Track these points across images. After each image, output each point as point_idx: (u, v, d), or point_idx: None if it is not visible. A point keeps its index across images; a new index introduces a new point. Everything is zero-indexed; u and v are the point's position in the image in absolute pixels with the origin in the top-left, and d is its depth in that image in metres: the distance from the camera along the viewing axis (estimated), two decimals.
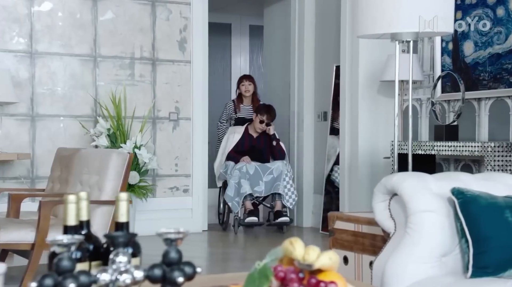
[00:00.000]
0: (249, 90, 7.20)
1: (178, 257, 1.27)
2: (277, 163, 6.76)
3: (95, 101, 6.45)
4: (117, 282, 1.23)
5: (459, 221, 2.37)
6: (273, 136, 6.92)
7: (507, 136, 5.06)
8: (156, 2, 6.68)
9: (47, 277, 1.20)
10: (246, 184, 6.53)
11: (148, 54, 6.67)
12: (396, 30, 2.88)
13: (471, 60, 5.34)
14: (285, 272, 1.21)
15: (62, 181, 4.67)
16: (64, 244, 1.22)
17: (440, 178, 2.57)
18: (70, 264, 1.21)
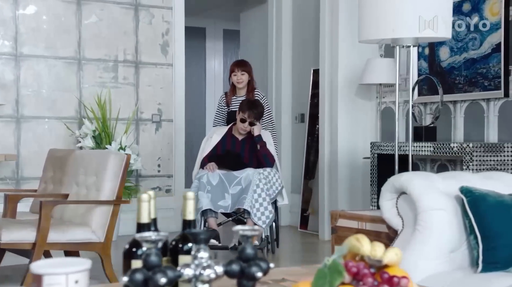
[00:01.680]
0: (242, 80, 5.74)
1: (254, 253, 1.29)
2: (247, 170, 5.29)
3: (80, 103, 6.39)
4: (201, 276, 1.23)
5: (468, 218, 2.42)
6: (257, 138, 5.44)
7: (482, 137, 5.16)
8: (139, 7, 6.64)
9: (137, 272, 1.20)
10: (205, 198, 5.18)
11: (131, 57, 6.63)
12: (400, 35, 2.92)
13: (447, 65, 5.43)
14: (358, 267, 1.23)
15: (56, 181, 4.63)
16: (152, 240, 1.22)
17: (445, 177, 2.61)
18: (158, 260, 1.22)
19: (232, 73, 5.79)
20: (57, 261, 1.26)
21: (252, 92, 5.77)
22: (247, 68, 5.78)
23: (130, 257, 1.35)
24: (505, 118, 5.02)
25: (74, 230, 3.92)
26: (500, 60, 5.00)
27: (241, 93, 5.81)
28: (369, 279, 1.20)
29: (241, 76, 5.74)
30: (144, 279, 1.19)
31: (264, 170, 5.28)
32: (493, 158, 4.85)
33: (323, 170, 6.19)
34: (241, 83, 5.74)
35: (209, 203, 5.16)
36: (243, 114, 5.43)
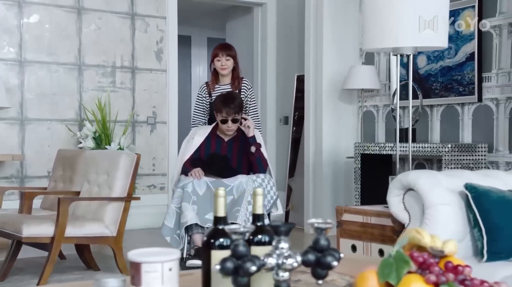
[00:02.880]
0: (226, 66, 4.72)
1: (327, 244, 1.33)
2: (239, 178, 4.30)
3: (80, 106, 6.35)
4: (284, 265, 1.27)
5: (472, 213, 2.49)
6: (251, 139, 4.47)
7: (457, 138, 5.27)
8: (135, 16, 6.63)
9: (227, 261, 1.23)
10: (190, 210, 4.15)
11: (128, 63, 6.61)
12: (402, 45, 2.99)
13: (424, 72, 5.53)
14: (423, 257, 1.28)
15: (66, 179, 4.61)
16: (240, 232, 1.26)
17: (448, 175, 2.68)
18: (246, 249, 1.25)
19: (215, 58, 4.79)
20: (150, 251, 1.29)
21: (237, 79, 4.77)
22: (232, 53, 4.79)
23: (209, 247, 1.37)
24: (478, 121, 5.13)
25: (89, 225, 3.92)
26: (474, 68, 5.11)
27: (225, 81, 4.81)
28: (436, 268, 1.24)
29: (225, 62, 4.73)
30: (235, 268, 1.23)
31: (257, 176, 4.33)
32: (467, 157, 4.96)
33: (308, 169, 6.24)
34: (225, 69, 4.73)
35: (194, 217, 4.14)
36: (221, 114, 4.46)
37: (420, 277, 1.25)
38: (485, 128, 5.07)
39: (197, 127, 4.72)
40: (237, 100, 4.46)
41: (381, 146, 5.38)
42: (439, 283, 1.21)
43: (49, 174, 6.19)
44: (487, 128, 5.06)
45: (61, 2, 6.26)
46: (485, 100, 5.08)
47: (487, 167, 5.00)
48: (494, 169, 4.96)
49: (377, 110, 6.01)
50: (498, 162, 4.96)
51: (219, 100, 4.46)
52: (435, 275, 1.22)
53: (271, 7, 7.27)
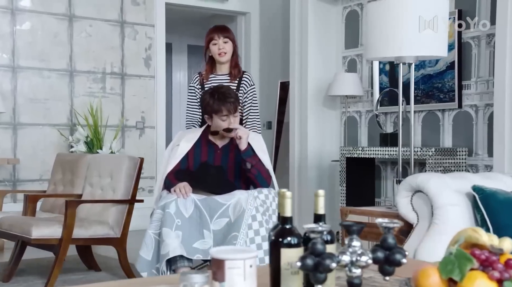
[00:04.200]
0: (225, 50, 3.75)
1: (395, 242, 1.37)
2: (237, 194, 3.26)
3: (71, 111, 6.31)
4: (358, 262, 1.31)
5: (480, 213, 2.57)
6: (245, 154, 3.40)
7: (438, 142, 5.38)
8: (124, 24, 6.61)
9: (307, 258, 1.27)
10: (173, 237, 3.09)
11: (117, 69, 6.58)
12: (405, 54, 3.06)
13: (406, 80, 5.63)
14: (485, 255, 1.33)
15: (66, 183, 4.58)
16: (318, 231, 1.29)
17: (454, 177, 2.76)
18: (323, 247, 1.28)
19: (210, 43, 3.78)
20: (230, 249, 1.32)
21: (237, 69, 3.82)
22: (230, 35, 3.83)
23: (278, 246, 1.40)
24: (458, 126, 5.25)
25: (95, 226, 3.91)
26: (454, 76, 5.23)
27: (222, 70, 3.84)
28: (499, 265, 1.29)
29: (223, 45, 3.74)
30: (314, 264, 1.26)
31: (259, 191, 3.30)
32: (448, 160, 5.07)
33: (293, 171, 6.30)
34: (223, 55, 3.75)
35: (179, 247, 3.06)
36: (221, 114, 3.42)
37: (483, 273, 1.30)
38: (465, 133, 5.19)
39: (184, 131, 3.71)
40: (232, 92, 3.54)
41: (365, 150, 5.46)
42: (503, 279, 1.26)
43: (41, 177, 6.14)
44: (466, 133, 5.18)
45: (53, 10, 6.22)
46: (465, 106, 5.20)
47: (467, 170, 5.12)
48: (474, 171, 5.07)
49: (359, 116, 6.10)
50: (478, 165, 5.08)
51: (210, 98, 3.43)
52: (499, 272, 1.27)
53: (254, 16, 7.32)
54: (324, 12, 6.20)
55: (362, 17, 6.03)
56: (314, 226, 1.31)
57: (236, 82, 3.79)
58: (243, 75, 3.86)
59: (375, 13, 3.13)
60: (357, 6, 6.07)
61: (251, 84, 3.89)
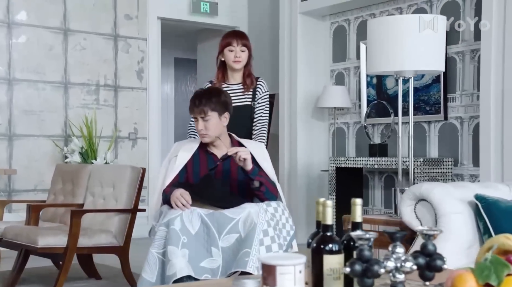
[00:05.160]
0: (241, 59, 3.52)
1: (435, 249, 1.41)
2: (247, 207, 2.93)
3: (66, 123, 6.28)
4: (403, 267, 1.34)
5: (482, 220, 2.62)
6: (252, 173, 3.06)
7: (424, 153, 5.45)
8: (118, 38, 6.61)
9: (355, 264, 1.30)
10: (179, 256, 2.78)
11: (111, 82, 6.57)
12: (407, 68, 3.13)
13: (393, 92, 5.72)
14: None
15: (66, 193, 4.55)
16: (366, 238, 1.32)
17: (456, 186, 2.81)
18: (370, 254, 1.31)
19: (226, 48, 3.55)
20: (279, 255, 1.34)
21: (250, 78, 3.57)
22: (248, 43, 3.58)
23: (320, 252, 1.42)
24: (444, 137, 5.33)
25: (98, 235, 3.89)
26: (440, 89, 5.32)
27: (235, 79, 3.60)
28: None
29: (240, 53, 3.52)
30: (363, 270, 1.29)
31: (268, 205, 3.00)
32: (434, 170, 5.15)
33: (283, 181, 6.32)
34: (239, 62, 3.52)
35: (186, 266, 2.76)
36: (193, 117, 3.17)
37: None
38: (450, 144, 5.28)
39: (180, 142, 3.36)
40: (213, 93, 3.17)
41: (353, 160, 5.52)
42: None
43: (36, 187, 6.09)
44: (452, 144, 5.26)
45: (48, 24, 6.20)
46: (450, 118, 5.29)
47: (453, 179, 5.20)
48: (460, 180, 5.16)
49: (347, 127, 6.16)
50: (463, 175, 5.17)
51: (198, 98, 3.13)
52: None
53: (243, 30, 7.35)
54: (313, 27, 6.26)
55: (349, 32, 6.11)
56: (361, 233, 1.34)
57: (251, 92, 3.56)
58: (257, 84, 3.60)
59: (376, 29, 3.19)
60: (344, 22, 6.15)
61: (264, 91, 3.62)
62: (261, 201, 3.07)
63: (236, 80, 3.61)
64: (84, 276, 4.43)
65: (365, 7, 5.92)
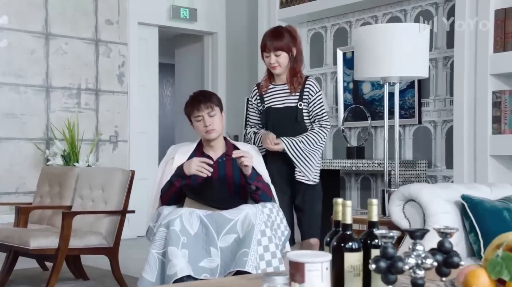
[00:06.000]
0: (276, 64, 3.34)
1: (451, 246, 1.47)
2: (245, 208, 2.94)
3: (47, 126, 6.23)
4: (423, 264, 1.39)
5: (468, 220, 2.70)
6: (250, 178, 3.08)
7: (399, 155, 5.55)
8: (99, 42, 6.57)
9: (379, 261, 1.34)
10: (180, 257, 2.79)
11: (92, 85, 6.54)
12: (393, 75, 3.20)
13: (369, 97, 5.81)
14: None
15: (53, 195, 4.52)
16: (389, 236, 1.37)
17: (442, 188, 2.89)
18: (394, 251, 1.36)
19: (263, 52, 3.40)
20: (306, 253, 1.38)
21: (295, 78, 3.35)
22: (283, 44, 3.32)
23: (341, 250, 1.47)
24: (418, 140, 5.44)
25: (89, 237, 3.88)
26: (414, 94, 5.43)
27: (281, 79, 3.43)
28: None
29: (275, 59, 3.33)
30: (387, 266, 1.34)
31: (263, 206, 3.01)
32: (410, 172, 5.25)
33: None
34: (276, 68, 3.35)
35: (186, 266, 2.77)
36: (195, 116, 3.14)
37: None
38: (424, 147, 5.39)
39: (176, 145, 3.40)
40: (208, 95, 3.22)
41: (331, 162, 5.60)
42: None
43: (17, 190, 6.02)
44: (426, 147, 5.38)
45: (30, 28, 6.14)
46: (424, 122, 5.40)
47: (427, 181, 5.31)
48: (433, 182, 5.27)
49: None
50: (437, 176, 5.29)
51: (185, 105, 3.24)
52: None
53: (221, 36, 7.39)
54: None
55: (326, 39, 6.19)
56: (385, 231, 1.39)
57: (297, 94, 3.37)
58: (305, 84, 3.37)
59: (362, 37, 3.25)
60: (321, 29, 6.23)
61: (316, 92, 3.42)
62: (256, 202, 3.10)
63: (282, 80, 3.44)
64: (72, 277, 4.41)
65: (341, 15, 6.01)
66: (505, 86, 4.65)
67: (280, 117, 3.36)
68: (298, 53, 3.39)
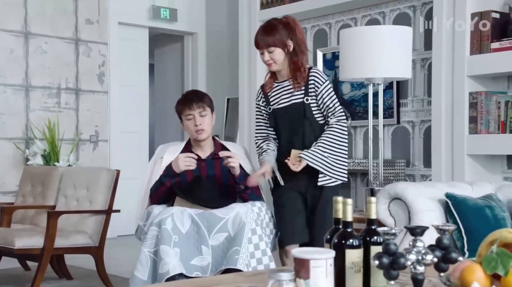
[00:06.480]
0: (272, 61, 3.07)
1: (449, 242, 1.50)
2: (236, 207, 2.95)
3: (27, 125, 6.16)
4: (424, 260, 1.42)
5: (452, 217, 2.76)
6: (239, 178, 3.14)
7: (377, 155, 5.61)
8: (79, 42, 6.52)
9: (382, 257, 1.37)
10: (172, 255, 2.79)
11: (72, 85, 6.49)
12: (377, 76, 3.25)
13: (348, 97, 5.86)
14: None
15: (36, 195, 4.48)
16: (392, 233, 1.40)
17: (426, 186, 2.95)
18: (395, 247, 1.39)
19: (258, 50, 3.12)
20: (310, 250, 1.41)
21: (298, 72, 3.04)
22: (275, 40, 3.01)
23: (342, 247, 1.49)
24: (397, 140, 5.51)
25: (74, 236, 3.86)
26: (393, 95, 5.50)
27: (283, 76, 3.13)
28: None
29: (268, 56, 3.05)
30: (389, 262, 1.37)
31: (252, 204, 3.01)
32: (389, 171, 5.31)
33: None
34: (271, 65, 3.08)
35: (178, 264, 2.77)
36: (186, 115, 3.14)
37: None
38: (402, 146, 5.46)
39: (164, 145, 3.35)
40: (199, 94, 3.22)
41: None
42: None
43: None
44: (404, 146, 5.45)
45: (9, 27, 6.07)
46: (403, 122, 5.47)
47: (405, 179, 5.38)
48: (411, 180, 5.35)
49: None
50: (415, 175, 5.36)
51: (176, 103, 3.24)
52: None
53: (201, 36, 7.39)
54: None
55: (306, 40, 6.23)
56: (387, 229, 1.42)
57: (302, 89, 3.05)
58: (309, 77, 3.04)
59: (347, 39, 3.29)
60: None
61: (322, 82, 3.06)
62: (244, 201, 3.09)
63: (284, 77, 3.11)
64: (55, 277, 4.38)
65: (321, 16, 6.06)
66: (481, 88, 4.74)
67: (288, 117, 3.07)
68: (298, 44, 3.02)
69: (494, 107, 4.56)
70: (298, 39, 3.04)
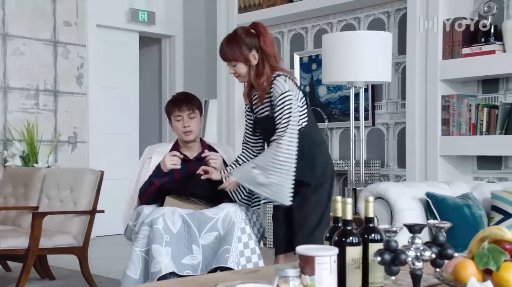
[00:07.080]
0: (237, 74, 2.94)
1: (445, 239, 1.56)
2: (226, 207, 2.94)
3: (5, 127, 6.09)
4: (422, 256, 1.47)
5: (433, 215, 2.83)
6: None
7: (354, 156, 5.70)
8: (57, 43, 6.47)
9: (384, 254, 1.42)
10: (164, 255, 2.81)
11: (50, 87, 6.43)
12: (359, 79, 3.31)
13: (325, 100, 5.94)
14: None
15: (18, 196, 4.44)
16: (393, 231, 1.45)
17: (407, 186, 3.02)
18: (396, 244, 1.44)
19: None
20: (314, 247, 1.45)
21: (262, 85, 2.83)
22: (235, 54, 2.85)
23: (343, 245, 1.54)
24: (372, 141, 5.60)
25: (59, 236, 3.84)
26: (368, 98, 5.59)
27: (256, 89, 2.94)
28: None
29: (233, 69, 2.93)
30: (391, 259, 1.42)
31: (240, 204, 3.01)
32: (364, 171, 5.39)
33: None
34: (238, 78, 2.97)
35: (170, 263, 2.79)
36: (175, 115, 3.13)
37: None
38: (377, 147, 5.55)
39: (152, 146, 3.34)
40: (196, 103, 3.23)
41: None
42: None
43: None
44: (379, 148, 5.54)
45: None
46: (377, 124, 5.56)
47: (380, 180, 5.48)
48: (386, 180, 5.44)
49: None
50: (389, 175, 5.46)
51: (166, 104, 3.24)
52: None
53: (179, 39, 7.39)
54: None
55: (283, 44, 6.29)
56: (388, 226, 1.47)
57: (267, 101, 2.86)
58: (270, 87, 2.82)
59: (330, 44, 3.35)
60: (279, 34, 6.32)
61: (279, 93, 2.78)
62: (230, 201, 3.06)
63: (256, 90, 2.91)
64: (38, 277, 4.34)
65: (298, 21, 6.12)
66: (453, 91, 4.85)
67: (263, 128, 2.97)
68: (265, 55, 2.83)
69: (465, 110, 4.67)
70: (264, 50, 2.85)
